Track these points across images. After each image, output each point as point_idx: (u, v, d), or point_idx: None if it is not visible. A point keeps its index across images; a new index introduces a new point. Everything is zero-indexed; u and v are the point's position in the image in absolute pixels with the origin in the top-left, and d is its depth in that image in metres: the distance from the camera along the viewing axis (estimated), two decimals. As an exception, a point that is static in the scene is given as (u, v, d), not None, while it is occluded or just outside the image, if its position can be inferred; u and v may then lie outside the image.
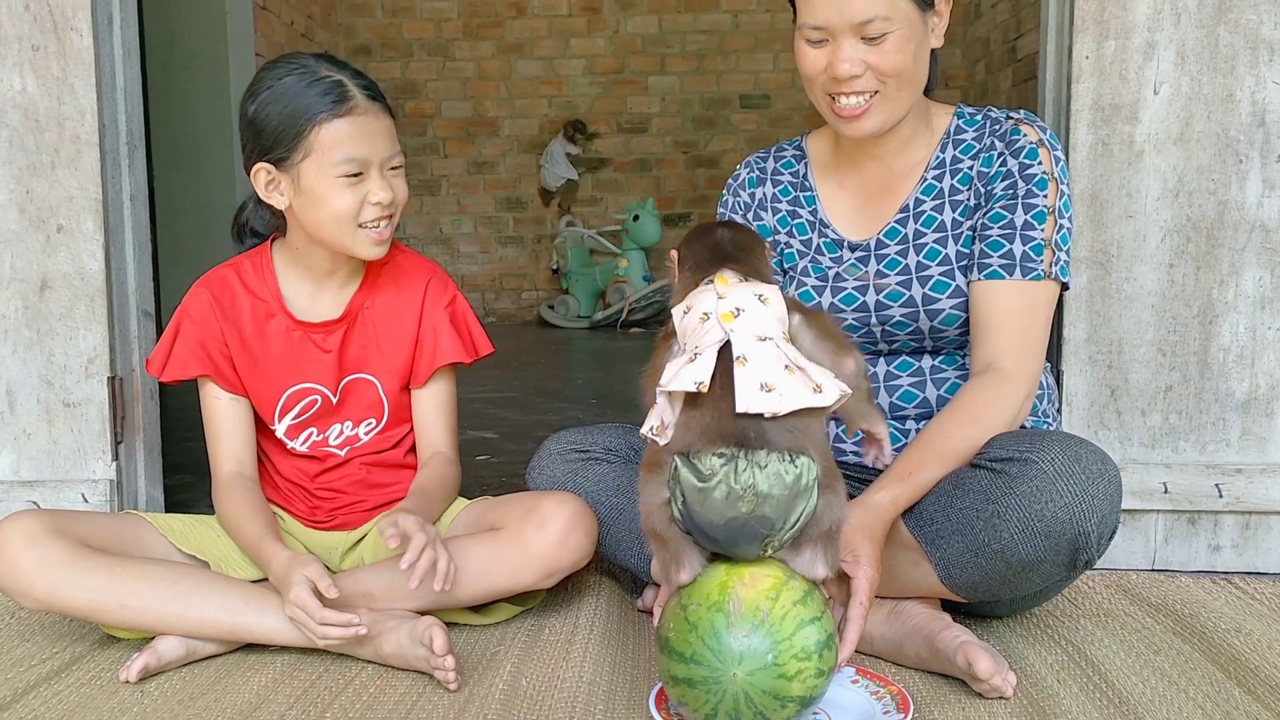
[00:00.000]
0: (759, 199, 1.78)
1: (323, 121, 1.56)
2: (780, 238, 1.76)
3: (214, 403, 1.71)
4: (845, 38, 1.51)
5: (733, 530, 1.19)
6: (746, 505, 1.17)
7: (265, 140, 1.59)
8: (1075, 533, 1.39)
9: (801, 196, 1.76)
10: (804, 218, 1.74)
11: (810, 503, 1.19)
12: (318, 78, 1.57)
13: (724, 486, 1.17)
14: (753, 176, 1.80)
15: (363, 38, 6.84)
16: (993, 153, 1.63)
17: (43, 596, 1.51)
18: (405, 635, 1.48)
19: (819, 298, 1.68)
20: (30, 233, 1.97)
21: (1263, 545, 1.95)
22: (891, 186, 1.69)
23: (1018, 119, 1.64)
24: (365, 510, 1.75)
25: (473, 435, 3.23)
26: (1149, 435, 1.95)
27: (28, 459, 2.01)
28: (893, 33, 1.50)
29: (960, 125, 1.68)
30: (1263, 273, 1.90)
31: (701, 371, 1.20)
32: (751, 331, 1.23)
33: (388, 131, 1.61)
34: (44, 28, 1.94)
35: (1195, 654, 1.56)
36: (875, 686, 1.37)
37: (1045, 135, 1.62)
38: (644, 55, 6.91)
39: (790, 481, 1.17)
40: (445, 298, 1.77)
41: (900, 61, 1.52)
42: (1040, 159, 1.60)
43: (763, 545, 1.21)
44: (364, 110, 1.58)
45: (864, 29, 1.50)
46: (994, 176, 1.62)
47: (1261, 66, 1.87)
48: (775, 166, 1.79)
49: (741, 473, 1.17)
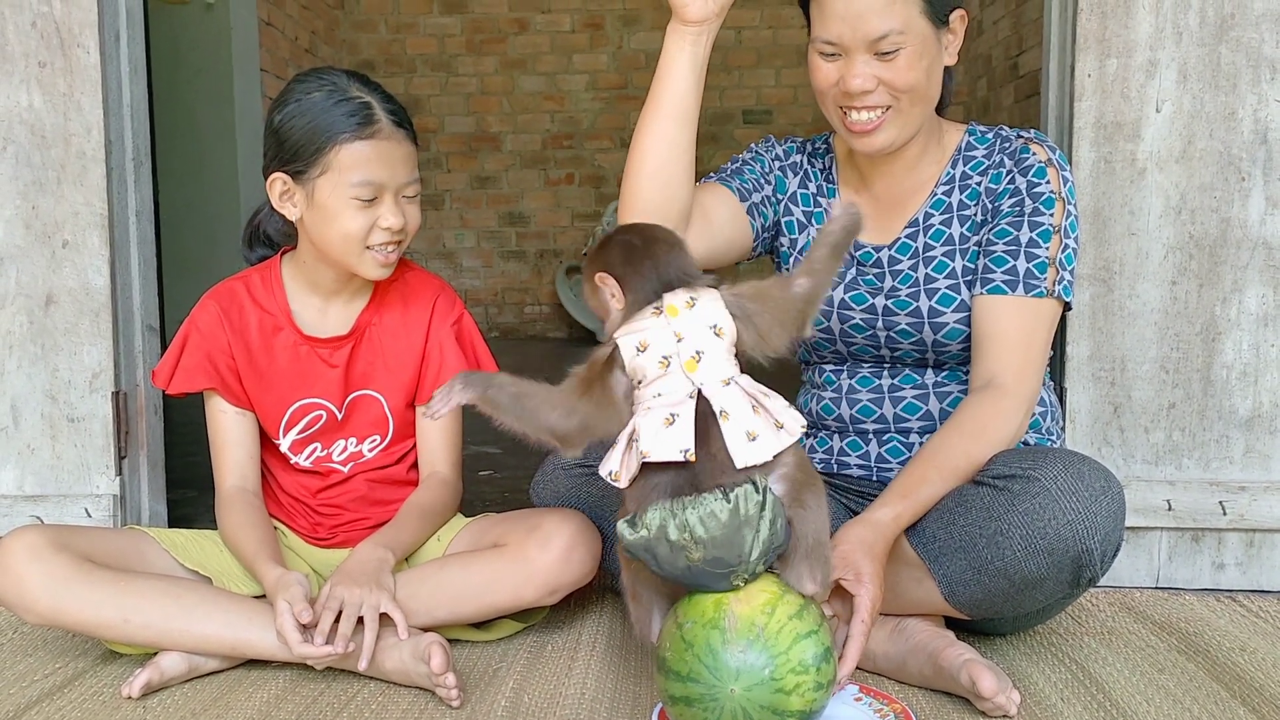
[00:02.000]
0: (791, 161, 1.78)
1: (344, 141, 1.56)
2: (798, 215, 1.75)
3: (219, 416, 1.71)
4: (859, 53, 1.51)
5: (696, 575, 1.20)
6: (694, 553, 1.18)
7: (285, 151, 1.59)
8: (1078, 550, 1.39)
9: (826, 187, 1.76)
10: (825, 208, 1.75)
11: (765, 528, 1.18)
12: (346, 97, 1.58)
13: (663, 543, 1.18)
14: (793, 146, 1.80)
15: (366, 54, 6.87)
16: (1001, 170, 1.64)
17: (45, 611, 1.50)
18: (407, 652, 1.48)
19: (831, 291, 1.68)
20: (36, 248, 1.98)
21: (1267, 563, 1.94)
22: (902, 201, 1.69)
23: (1028, 138, 1.65)
24: (367, 528, 1.74)
25: (475, 450, 3.22)
26: (1152, 452, 1.95)
27: (31, 474, 2.01)
28: (906, 49, 1.51)
29: (971, 142, 1.68)
30: (1266, 290, 1.90)
31: (685, 438, 1.20)
32: (717, 378, 1.23)
33: (407, 158, 1.61)
34: (51, 45, 1.95)
35: (1199, 672, 1.56)
36: (879, 704, 1.37)
37: (1055, 155, 1.63)
38: (647, 71, 6.90)
39: (727, 518, 1.16)
40: (452, 315, 1.77)
41: (913, 78, 1.52)
42: (1048, 178, 1.60)
43: (731, 581, 1.21)
44: (387, 135, 1.58)
45: (878, 44, 1.50)
46: (1001, 193, 1.63)
47: (1263, 85, 1.88)
48: (811, 151, 1.80)
49: (677, 519, 1.17)
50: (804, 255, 1.36)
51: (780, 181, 1.76)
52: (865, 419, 1.69)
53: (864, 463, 1.70)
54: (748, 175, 1.74)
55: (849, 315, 1.68)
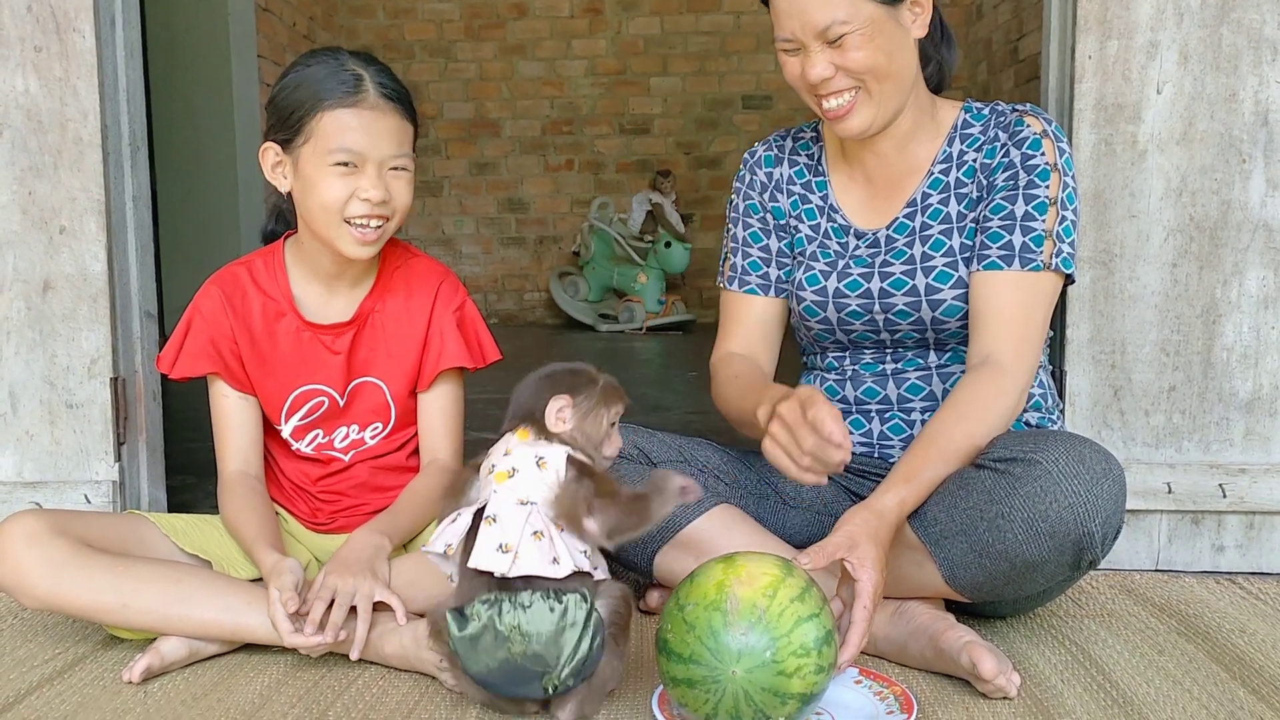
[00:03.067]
0: (775, 179, 1.78)
1: (328, 108, 1.56)
2: (791, 221, 1.77)
3: (222, 401, 1.71)
4: (812, 43, 1.54)
5: (509, 672, 1.28)
6: (516, 645, 1.27)
7: (277, 121, 1.60)
8: (1079, 533, 1.38)
9: (814, 181, 1.76)
10: (814, 202, 1.75)
11: (585, 640, 1.27)
12: (341, 68, 1.58)
13: (490, 631, 1.27)
14: (770, 155, 1.80)
15: (365, 39, 6.85)
16: (996, 144, 1.63)
17: (44, 596, 1.50)
18: (408, 637, 1.48)
19: (825, 282, 1.69)
20: (33, 234, 1.97)
21: (1267, 545, 1.94)
22: (899, 181, 1.69)
23: (1022, 110, 1.65)
24: (366, 514, 1.73)
25: (476, 436, 3.21)
26: (1152, 435, 1.95)
27: (30, 460, 2.01)
28: (853, 33, 1.52)
29: (967, 120, 1.68)
30: (1266, 272, 1.90)
31: (454, 536, 1.34)
32: (515, 495, 1.32)
33: (395, 131, 1.59)
34: (46, 29, 1.94)
35: (1199, 654, 1.56)
36: (879, 687, 1.37)
37: (1050, 127, 1.62)
38: (646, 56, 6.91)
39: (556, 619, 1.27)
40: (455, 302, 1.76)
41: (867, 58, 1.54)
42: (1043, 150, 1.60)
43: (542, 685, 1.28)
44: (372, 105, 1.57)
45: (825, 35, 1.53)
46: (996, 167, 1.62)
47: (1264, 66, 1.87)
48: (793, 146, 1.80)
49: (505, 614, 1.27)
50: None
51: (777, 211, 1.78)
52: (870, 400, 1.70)
53: (866, 440, 1.70)
54: (754, 250, 1.77)
55: (845, 303, 1.67)
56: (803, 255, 1.74)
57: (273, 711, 1.39)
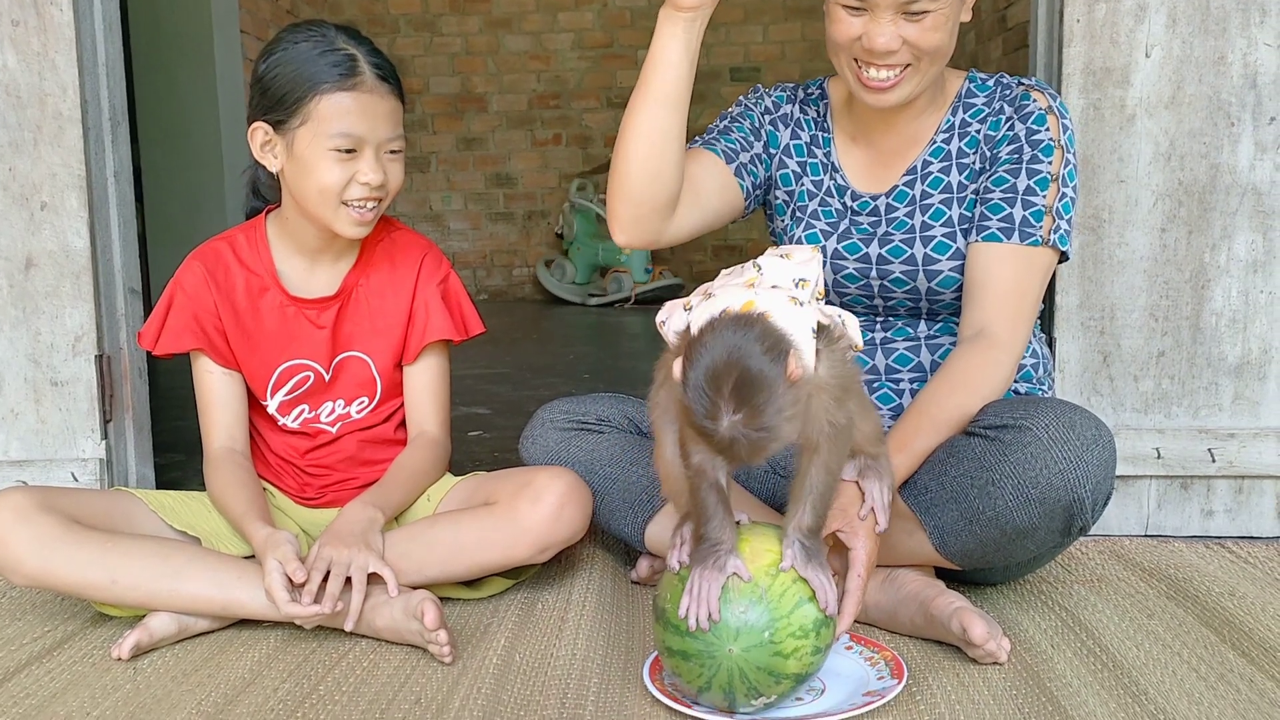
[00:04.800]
0: (783, 113, 1.74)
1: (325, 92, 1.54)
2: (793, 168, 1.73)
3: (206, 377, 1.70)
4: (886, 11, 1.48)
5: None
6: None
7: (268, 100, 1.58)
8: (1070, 499, 1.39)
9: (820, 136, 1.73)
10: (819, 158, 1.72)
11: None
12: (332, 48, 1.56)
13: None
14: (783, 95, 1.76)
15: (349, 14, 6.79)
16: (1000, 116, 1.62)
17: (32, 572, 1.50)
18: (398, 609, 1.48)
19: (825, 241, 1.67)
20: (14, 210, 1.95)
21: (1255, 509, 1.95)
22: (902, 148, 1.67)
23: (1029, 85, 1.63)
24: (355, 487, 1.73)
25: (465, 411, 3.22)
26: (1141, 401, 1.95)
27: (16, 439, 2.00)
28: (937, 11, 1.48)
29: (971, 89, 1.67)
30: (1255, 236, 1.90)
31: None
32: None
33: (390, 114, 1.59)
34: (24, 2, 1.91)
35: (1189, 618, 1.56)
36: (869, 653, 1.37)
37: (1055, 103, 1.61)
38: (633, 29, 6.86)
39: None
40: (438, 275, 1.75)
41: (939, 39, 1.50)
42: (1048, 125, 1.59)
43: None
44: (369, 88, 1.56)
45: (909, 5, 1.47)
46: (1000, 140, 1.61)
47: (1253, 28, 1.86)
48: (804, 97, 1.76)
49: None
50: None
51: (772, 136, 1.74)
52: (859, 368, 1.69)
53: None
54: (735, 135, 1.71)
55: (842, 265, 1.66)
56: (803, 211, 1.72)
57: (263, 686, 1.39)
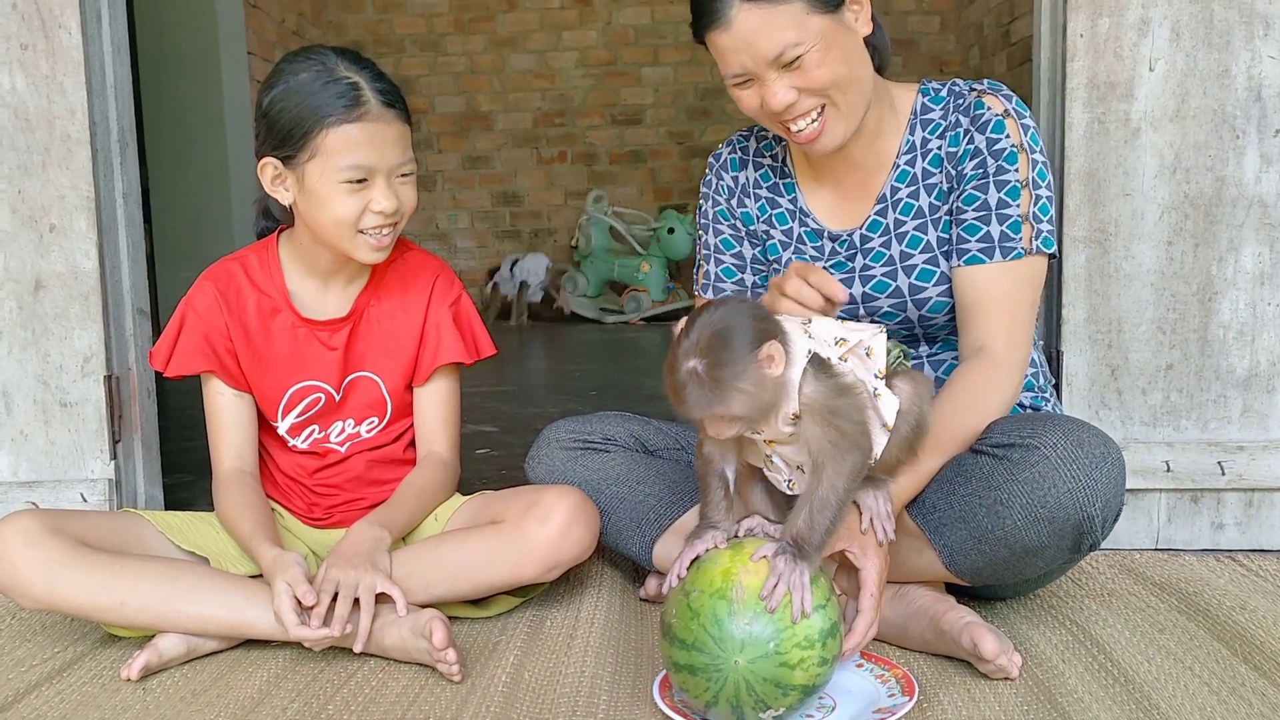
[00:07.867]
0: (741, 184, 1.74)
1: (332, 125, 1.52)
2: (760, 226, 1.72)
3: (217, 398, 1.70)
4: (767, 73, 1.47)
5: None
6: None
7: (274, 136, 1.56)
8: (1079, 518, 1.38)
9: (781, 184, 1.71)
10: (784, 206, 1.71)
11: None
12: (334, 78, 1.53)
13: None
14: (735, 158, 1.75)
15: (354, 34, 6.82)
16: (959, 130, 1.59)
17: (41, 596, 1.50)
18: (406, 628, 1.47)
19: None
20: (23, 232, 1.96)
21: (1266, 522, 1.94)
22: (866, 179, 1.65)
23: (980, 90, 1.59)
24: (363, 507, 1.73)
25: (472, 429, 3.22)
26: (1150, 414, 1.94)
27: (26, 460, 2.00)
28: (808, 52, 1.45)
29: (926, 104, 1.63)
30: (1262, 248, 1.89)
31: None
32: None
33: (399, 139, 1.57)
34: (32, 26, 1.93)
35: (1200, 631, 1.56)
36: (880, 670, 1.37)
37: (1011, 104, 1.57)
38: (636, 46, 6.89)
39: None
40: (450, 296, 1.75)
41: (829, 73, 1.48)
42: (1008, 131, 1.55)
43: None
44: (376, 116, 1.54)
45: (779, 60, 1.46)
46: (963, 156, 1.58)
47: (1257, 41, 1.86)
48: (757, 147, 1.75)
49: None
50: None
51: (746, 216, 1.73)
52: None
53: None
54: (726, 258, 1.73)
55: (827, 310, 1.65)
56: (778, 262, 1.71)
57: (272, 706, 1.39)
